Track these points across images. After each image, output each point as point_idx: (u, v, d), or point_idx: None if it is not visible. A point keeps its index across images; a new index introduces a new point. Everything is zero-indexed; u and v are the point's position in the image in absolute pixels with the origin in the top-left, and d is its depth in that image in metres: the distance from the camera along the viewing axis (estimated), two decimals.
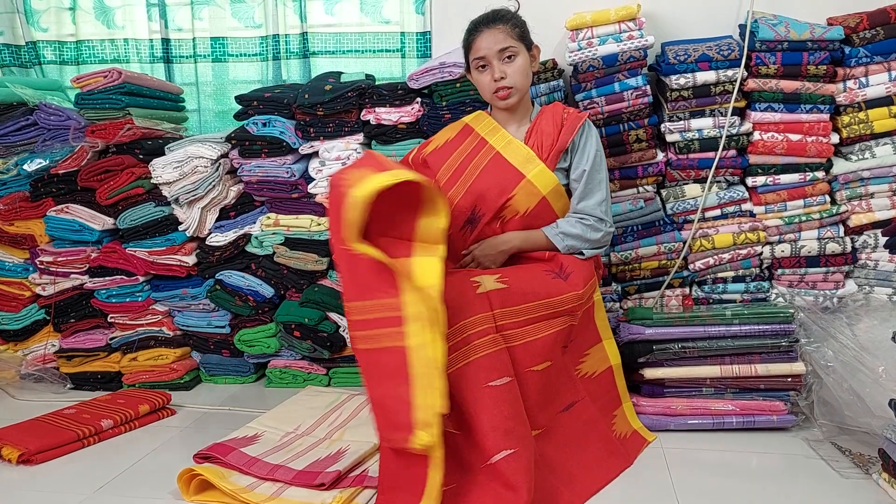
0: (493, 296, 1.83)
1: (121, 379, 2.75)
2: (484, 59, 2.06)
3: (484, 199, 2.08)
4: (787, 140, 2.41)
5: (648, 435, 2.12)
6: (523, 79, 2.09)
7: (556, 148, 2.06)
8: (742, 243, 2.47)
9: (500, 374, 1.72)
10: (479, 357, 1.73)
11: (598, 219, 2.06)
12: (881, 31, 2.34)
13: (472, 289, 1.83)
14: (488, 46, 2.04)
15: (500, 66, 2.04)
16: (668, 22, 2.61)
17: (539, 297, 1.88)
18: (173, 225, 2.63)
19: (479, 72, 2.09)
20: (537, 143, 2.08)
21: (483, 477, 1.65)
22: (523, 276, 1.95)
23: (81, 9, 3.13)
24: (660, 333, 2.20)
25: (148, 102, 2.73)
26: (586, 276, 2.00)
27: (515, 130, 2.14)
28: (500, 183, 2.06)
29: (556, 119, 2.09)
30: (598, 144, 2.12)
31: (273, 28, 2.99)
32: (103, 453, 2.16)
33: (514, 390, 1.74)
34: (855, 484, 1.85)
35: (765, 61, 2.37)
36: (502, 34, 2.04)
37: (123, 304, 2.71)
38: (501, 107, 2.12)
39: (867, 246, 2.45)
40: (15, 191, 2.73)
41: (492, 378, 1.71)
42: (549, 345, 1.87)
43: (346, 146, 2.54)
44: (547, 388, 1.87)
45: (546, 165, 2.05)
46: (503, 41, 2.03)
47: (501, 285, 1.86)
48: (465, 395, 1.69)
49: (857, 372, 2.04)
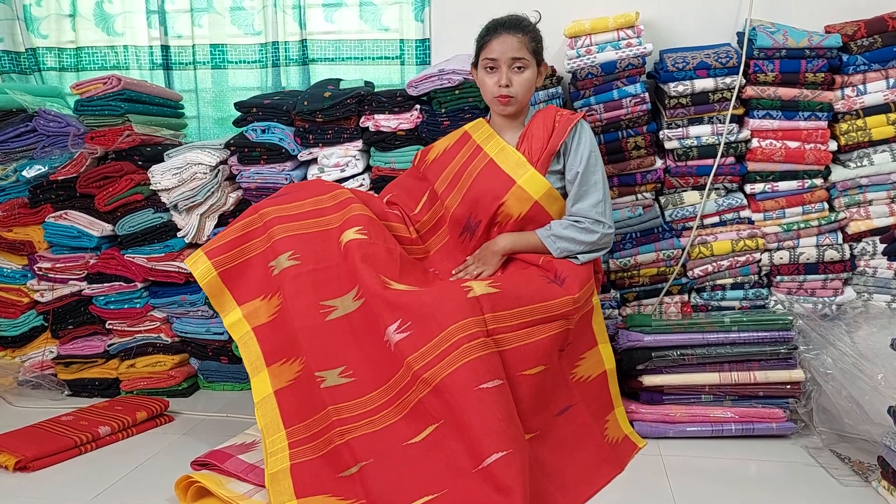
0: (483, 300, 1.82)
1: (119, 385, 2.74)
2: (495, 62, 2.06)
3: (478, 206, 2.09)
4: (786, 147, 2.42)
5: (639, 441, 2.11)
6: (526, 92, 2.10)
7: (547, 151, 2.06)
8: (741, 250, 2.47)
9: (492, 377, 1.72)
10: (470, 360, 1.72)
11: (593, 220, 2.05)
12: (879, 39, 2.35)
13: (462, 293, 1.83)
14: (503, 51, 2.04)
15: (509, 74, 2.05)
16: (666, 29, 2.62)
17: (533, 301, 1.88)
18: (172, 231, 2.63)
19: (487, 72, 2.09)
20: (528, 147, 2.09)
21: (474, 481, 1.64)
22: (517, 281, 1.95)
23: (81, 16, 3.14)
24: (658, 340, 2.19)
25: (147, 109, 2.73)
26: (582, 280, 2.00)
27: (511, 136, 2.15)
28: (493, 189, 2.07)
29: (547, 122, 2.10)
30: (593, 145, 2.10)
31: (272, 35, 3.00)
32: (101, 460, 2.15)
33: (505, 393, 1.74)
34: (854, 492, 1.85)
35: (763, 69, 2.37)
36: (519, 43, 2.05)
37: (122, 311, 2.70)
38: (499, 112, 2.14)
39: (866, 253, 2.45)
40: (14, 197, 2.73)
41: (483, 381, 1.70)
42: (543, 349, 1.86)
43: (345, 153, 2.54)
44: (541, 391, 1.87)
45: (537, 170, 2.05)
46: (518, 50, 2.04)
47: (493, 289, 1.86)
48: (457, 399, 1.69)
49: (856, 379, 2.03)
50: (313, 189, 2.14)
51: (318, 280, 1.92)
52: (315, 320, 1.88)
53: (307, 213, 2.04)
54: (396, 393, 1.79)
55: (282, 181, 2.54)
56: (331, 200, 2.08)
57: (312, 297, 1.90)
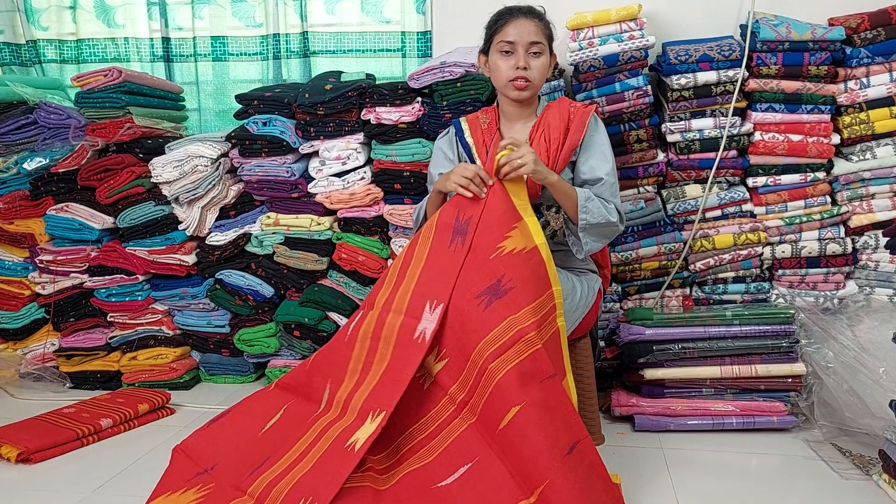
0: (440, 378, 1.72)
1: (120, 378, 2.75)
2: (511, 46, 2.00)
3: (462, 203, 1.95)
4: (788, 140, 2.41)
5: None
6: (541, 78, 2.05)
7: (568, 145, 2.01)
8: (742, 244, 2.46)
9: (463, 462, 1.65)
10: (436, 456, 1.67)
11: (614, 206, 1.98)
12: (882, 32, 2.34)
13: (418, 388, 1.74)
14: (520, 34, 2.00)
15: (526, 58, 2.01)
16: (669, 22, 2.61)
17: (478, 340, 1.65)
18: (173, 224, 2.63)
19: (502, 56, 2.03)
20: (545, 135, 2.03)
21: None
22: (456, 330, 1.71)
23: (82, 7, 3.13)
24: (660, 334, 2.20)
25: (148, 101, 2.72)
26: (537, 289, 1.73)
27: (522, 126, 2.11)
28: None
29: (562, 113, 2.05)
30: (606, 136, 2.07)
31: (273, 27, 2.99)
32: (102, 452, 2.16)
33: (473, 478, 1.62)
34: (855, 485, 1.85)
35: (766, 62, 2.36)
36: (536, 28, 2.01)
37: (123, 304, 2.70)
38: (513, 97, 2.05)
39: (868, 247, 2.45)
40: (15, 189, 2.72)
41: (448, 475, 1.64)
42: (510, 385, 1.59)
43: (347, 146, 2.53)
44: (533, 433, 1.57)
45: (556, 166, 2.00)
46: (536, 35, 2.01)
47: (443, 362, 1.72)
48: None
49: (857, 373, 2.04)
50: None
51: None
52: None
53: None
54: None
55: (283, 174, 2.54)
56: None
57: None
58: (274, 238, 2.61)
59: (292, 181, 2.56)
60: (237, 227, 2.64)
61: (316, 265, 2.59)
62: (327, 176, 2.54)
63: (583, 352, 2.12)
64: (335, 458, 1.64)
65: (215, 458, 1.82)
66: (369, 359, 1.77)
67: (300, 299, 2.59)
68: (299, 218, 2.59)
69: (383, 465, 1.74)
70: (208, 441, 1.89)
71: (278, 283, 2.65)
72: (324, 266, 2.60)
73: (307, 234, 2.59)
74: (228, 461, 1.79)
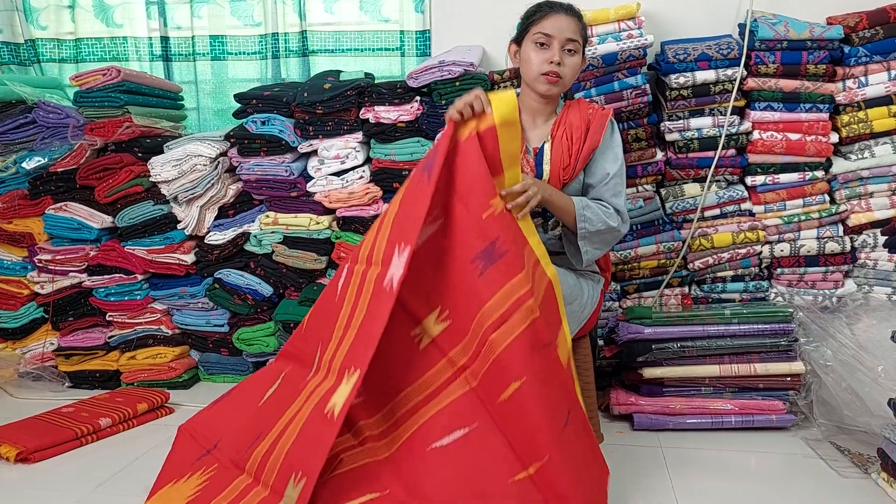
0: (440, 340, 1.68)
1: (119, 377, 2.74)
2: (548, 39, 1.96)
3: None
4: (787, 139, 2.41)
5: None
6: (572, 77, 2.02)
7: (588, 146, 1.98)
8: (741, 242, 2.46)
9: (461, 424, 1.63)
10: (432, 416, 1.65)
11: (616, 210, 1.96)
12: (880, 31, 2.34)
13: (413, 346, 1.69)
14: (560, 28, 1.96)
15: (561, 53, 1.96)
16: (667, 21, 2.61)
17: (478, 308, 1.61)
18: (172, 223, 2.63)
19: (536, 48, 1.97)
20: (566, 134, 2.00)
21: None
22: (458, 295, 1.67)
23: (81, 7, 3.12)
24: (659, 333, 2.20)
25: (147, 101, 2.72)
26: (523, 247, 1.70)
27: (543, 123, 2.06)
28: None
29: (582, 114, 2.02)
30: (621, 141, 2.05)
31: (272, 26, 2.99)
32: (101, 452, 2.16)
33: (473, 440, 1.61)
34: (854, 483, 1.86)
35: (764, 60, 2.37)
36: (575, 26, 1.98)
37: (122, 303, 2.70)
38: (542, 91, 1.99)
39: (866, 245, 2.45)
40: (13, 189, 2.72)
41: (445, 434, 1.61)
42: (512, 359, 1.57)
43: (345, 145, 2.53)
44: (533, 409, 1.57)
45: (574, 169, 1.98)
46: (573, 33, 1.97)
47: (444, 324, 1.67)
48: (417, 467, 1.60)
49: (855, 371, 2.04)
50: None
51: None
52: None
53: None
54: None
55: (282, 173, 2.54)
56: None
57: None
58: (273, 237, 2.61)
59: (291, 180, 2.56)
60: (236, 227, 2.64)
61: (315, 264, 2.59)
62: (326, 175, 2.54)
63: (583, 351, 2.12)
64: (317, 425, 1.59)
65: (218, 434, 1.82)
66: (351, 315, 1.71)
67: (299, 298, 2.59)
68: (298, 217, 2.59)
69: (380, 428, 1.71)
70: (213, 418, 1.90)
71: (277, 283, 2.65)
72: (323, 265, 2.60)
73: (306, 233, 2.59)
74: (230, 437, 1.79)
